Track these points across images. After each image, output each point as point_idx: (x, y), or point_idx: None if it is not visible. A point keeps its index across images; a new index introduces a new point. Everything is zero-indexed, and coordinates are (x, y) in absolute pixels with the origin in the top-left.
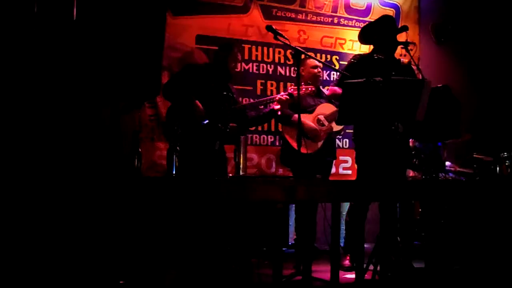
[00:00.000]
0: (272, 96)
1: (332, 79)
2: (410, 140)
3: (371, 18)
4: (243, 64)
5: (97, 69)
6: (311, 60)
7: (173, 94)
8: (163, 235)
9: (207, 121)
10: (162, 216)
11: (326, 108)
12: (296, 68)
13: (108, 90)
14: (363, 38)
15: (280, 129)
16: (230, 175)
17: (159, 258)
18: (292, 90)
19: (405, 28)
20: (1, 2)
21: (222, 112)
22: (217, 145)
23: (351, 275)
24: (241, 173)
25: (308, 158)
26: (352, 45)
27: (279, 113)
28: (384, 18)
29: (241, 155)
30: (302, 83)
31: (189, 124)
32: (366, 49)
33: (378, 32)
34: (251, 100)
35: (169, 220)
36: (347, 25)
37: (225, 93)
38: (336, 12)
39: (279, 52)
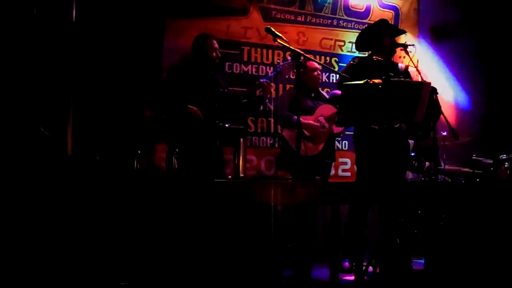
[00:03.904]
0: (256, 85)
1: (331, 81)
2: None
3: (371, 20)
4: (242, 66)
5: (96, 70)
6: (311, 62)
7: (163, 109)
8: (162, 236)
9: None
10: (162, 217)
11: (326, 110)
12: (295, 70)
13: (108, 92)
14: (360, 45)
15: (280, 131)
16: (229, 177)
17: (159, 259)
18: (280, 67)
19: (402, 32)
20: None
21: (218, 109)
22: (217, 143)
23: (350, 277)
24: (240, 175)
25: (307, 161)
26: (352, 47)
27: (266, 100)
28: (380, 22)
29: (241, 157)
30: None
31: (188, 126)
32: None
33: (376, 35)
34: None
35: (168, 221)
36: (347, 27)
37: (220, 89)
38: (335, 14)
39: (279, 54)
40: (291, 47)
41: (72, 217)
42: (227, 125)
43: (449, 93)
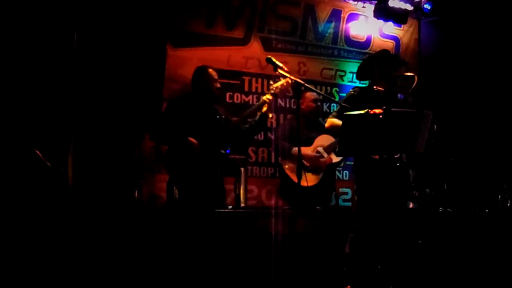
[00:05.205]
0: (256, 104)
1: (332, 111)
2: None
3: (371, 50)
4: (243, 96)
5: (97, 99)
6: (311, 93)
7: (163, 140)
8: (163, 266)
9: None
10: (163, 247)
11: (324, 140)
12: (296, 100)
13: (109, 122)
14: (361, 74)
15: (280, 162)
16: (230, 207)
17: None
18: (274, 90)
19: (404, 63)
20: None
21: (218, 136)
22: (219, 172)
23: None
24: (241, 205)
25: (307, 191)
26: (352, 77)
27: (270, 115)
28: (382, 53)
29: (242, 187)
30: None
31: (188, 157)
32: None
33: (378, 65)
34: None
35: (169, 251)
36: (347, 57)
37: (218, 116)
38: (336, 44)
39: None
40: (291, 77)
41: (73, 248)
42: (228, 151)
43: None
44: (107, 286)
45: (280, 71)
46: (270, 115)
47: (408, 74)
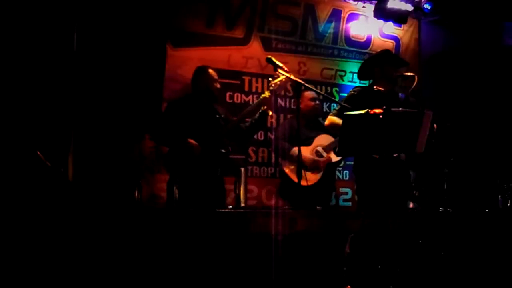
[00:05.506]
0: (255, 103)
1: (332, 111)
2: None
3: (372, 50)
4: (243, 96)
5: (98, 99)
6: (310, 92)
7: (163, 141)
8: (162, 266)
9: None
10: (163, 247)
11: (324, 139)
12: (295, 100)
13: (109, 122)
14: (363, 74)
15: (280, 162)
16: (230, 207)
17: None
18: (272, 86)
19: (405, 63)
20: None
21: (218, 136)
22: (219, 171)
23: None
24: (241, 205)
25: (307, 190)
26: (352, 76)
27: (269, 113)
28: (384, 53)
29: (242, 187)
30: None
31: (188, 158)
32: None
33: (379, 65)
34: None
35: (170, 251)
36: (348, 57)
37: (217, 116)
38: (336, 44)
39: None
40: (292, 77)
41: (72, 248)
42: (230, 150)
43: None
44: (107, 286)
45: (280, 71)
46: (270, 113)
47: (408, 74)
